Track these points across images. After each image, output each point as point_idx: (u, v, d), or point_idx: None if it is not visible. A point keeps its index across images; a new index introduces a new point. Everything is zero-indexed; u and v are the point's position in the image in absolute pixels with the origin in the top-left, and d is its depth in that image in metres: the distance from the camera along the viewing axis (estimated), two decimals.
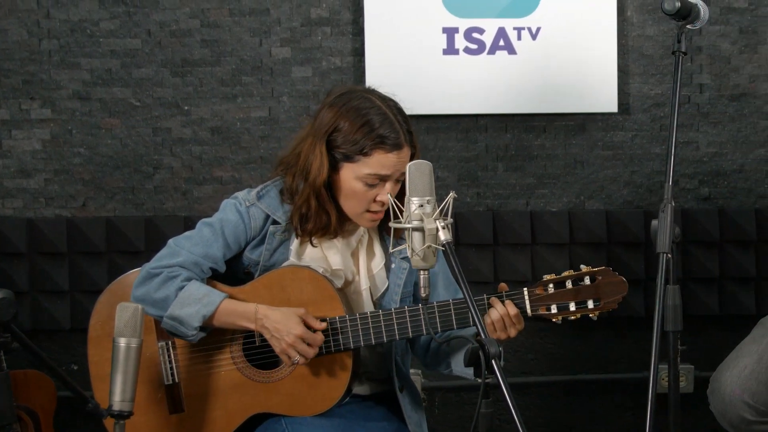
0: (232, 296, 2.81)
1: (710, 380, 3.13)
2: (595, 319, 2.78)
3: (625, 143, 4.09)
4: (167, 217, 3.97)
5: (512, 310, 2.69)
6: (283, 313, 2.71)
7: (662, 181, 2.86)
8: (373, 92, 2.79)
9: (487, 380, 2.20)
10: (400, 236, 2.85)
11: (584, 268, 2.76)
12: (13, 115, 3.98)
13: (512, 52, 4.00)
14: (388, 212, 2.80)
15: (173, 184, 4.02)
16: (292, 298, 2.77)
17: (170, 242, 2.82)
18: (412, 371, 3.84)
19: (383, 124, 2.70)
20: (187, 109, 4.01)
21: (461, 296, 2.82)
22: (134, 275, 2.83)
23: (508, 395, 2.15)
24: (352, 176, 2.72)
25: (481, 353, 2.19)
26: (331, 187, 2.79)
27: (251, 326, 2.74)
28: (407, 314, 2.73)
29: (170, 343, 2.84)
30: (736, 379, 3.02)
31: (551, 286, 2.73)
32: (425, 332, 2.75)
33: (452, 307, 2.73)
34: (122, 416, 2.47)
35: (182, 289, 2.73)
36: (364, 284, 2.85)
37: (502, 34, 3.99)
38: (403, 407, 2.86)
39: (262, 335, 2.73)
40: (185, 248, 2.79)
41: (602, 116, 4.09)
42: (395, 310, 2.75)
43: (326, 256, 2.82)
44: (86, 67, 3.98)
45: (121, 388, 2.47)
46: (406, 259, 2.85)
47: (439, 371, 2.97)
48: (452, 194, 2.32)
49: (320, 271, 2.80)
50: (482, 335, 2.21)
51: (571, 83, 4.05)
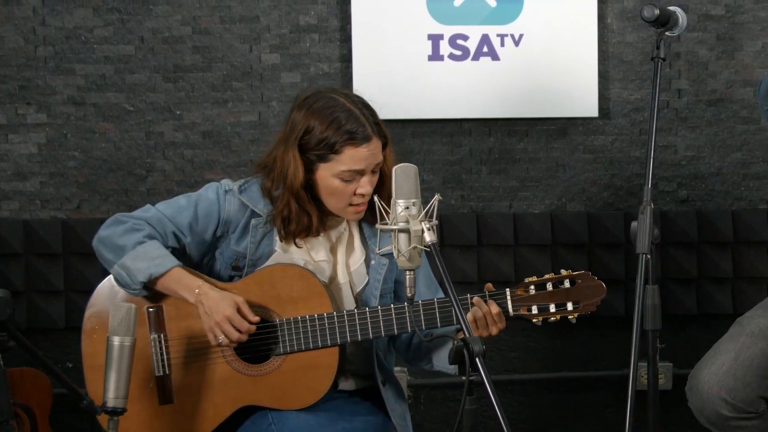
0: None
1: (688, 377, 3.13)
2: (573, 321, 2.80)
3: (605, 147, 4.09)
4: None
5: (494, 309, 2.73)
6: (221, 295, 2.77)
7: (642, 183, 2.83)
8: (336, 91, 2.84)
9: (471, 378, 2.22)
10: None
11: (564, 272, 2.80)
12: (9, 119, 3.98)
13: (496, 58, 4.01)
14: (371, 204, 2.83)
15: (166, 186, 4.02)
16: (282, 294, 2.81)
17: (148, 204, 2.92)
18: (397, 369, 3.90)
19: (349, 119, 2.75)
20: (179, 113, 4.01)
21: (442, 295, 2.87)
22: None
23: (491, 392, 2.18)
24: (328, 175, 2.76)
25: (465, 351, 2.21)
26: (311, 187, 2.83)
27: (191, 299, 2.78)
28: (393, 312, 2.77)
29: (162, 335, 2.86)
30: (713, 376, 3.02)
31: (532, 287, 2.78)
32: (409, 330, 2.78)
33: (437, 305, 2.76)
34: (116, 413, 2.49)
35: (141, 244, 2.80)
36: (342, 278, 2.89)
37: (485, 40, 4.01)
38: (386, 400, 2.89)
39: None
40: (158, 208, 2.90)
41: (583, 121, 4.09)
42: (381, 308, 2.79)
43: (308, 249, 2.86)
44: (81, 72, 3.98)
45: (115, 385, 2.48)
46: (385, 255, 2.88)
47: (420, 366, 3.01)
48: (437, 197, 2.35)
49: (302, 263, 2.84)
50: (466, 334, 2.24)
51: (552, 88, 4.05)
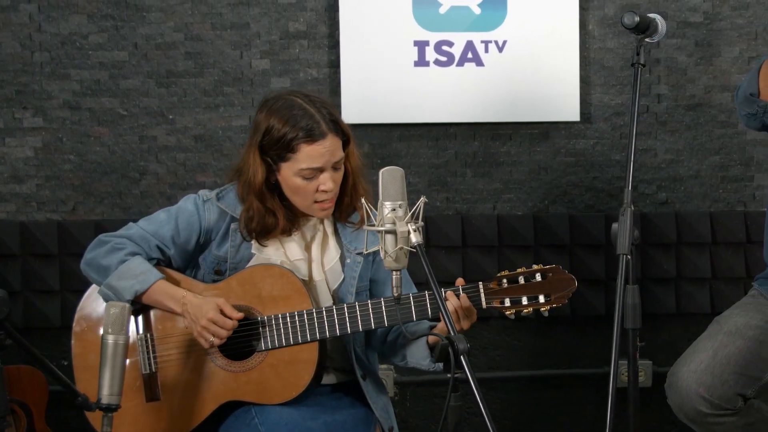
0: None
1: (668, 375, 3.15)
2: (546, 314, 2.82)
3: (586, 150, 4.10)
4: None
5: (465, 303, 2.75)
6: (203, 300, 2.80)
7: (622, 186, 2.90)
8: (297, 93, 2.85)
9: (456, 375, 2.24)
10: (355, 228, 2.94)
11: (536, 266, 2.82)
12: (6, 123, 3.98)
13: (480, 64, 4.02)
14: (338, 202, 2.88)
15: (159, 189, 4.02)
16: (263, 293, 2.84)
17: (130, 222, 2.95)
18: (384, 367, 3.91)
19: (303, 118, 2.76)
20: (171, 118, 4.01)
21: (416, 290, 2.91)
22: None
23: (475, 389, 2.20)
24: (290, 174, 2.79)
25: (450, 350, 2.24)
26: (278, 187, 2.85)
27: (177, 308, 2.82)
28: (370, 307, 2.80)
29: (149, 335, 2.88)
30: (692, 373, 3.04)
31: (505, 281, 2.80)
32: (386, 324, 2.80)
33: (412, 300, 2.79)
34: (110, 409, 2.49)
35: (124, 262, 2.82)
36: (317, 276, 2.91)
37: (470, 47, 4.01)
38: (366, 393, 2.91)
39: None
40: (139, 225, 2.91)
41: (565, 125, 4.10)
42: (359, 303, 2.81)
43: (285, 250, 2.89)
44: (76, 78, 3.97)
45: (109, 382, 2.49)
46: (360, 254, 2.92)
47: (394, 363, 3.04)
48: (423, 199, 2.36)
49: (278, 262, 2.86)
50: (451, 332, 2.26)
51: (535, 93, 4.06)
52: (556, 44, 4.05)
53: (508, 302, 2.80)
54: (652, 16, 2.88)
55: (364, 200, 2.49)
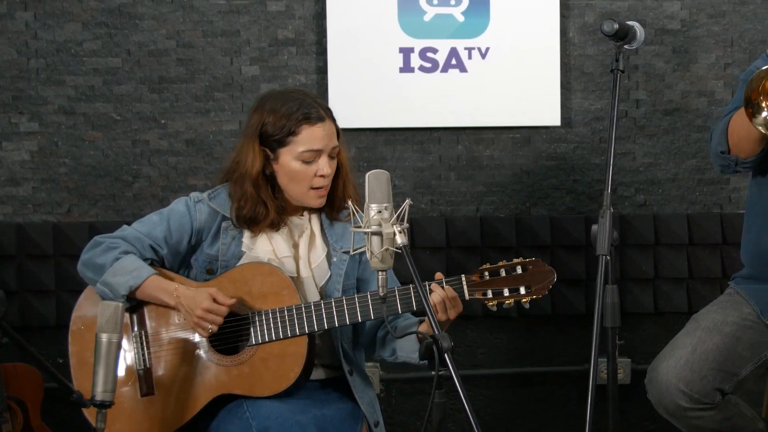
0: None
1: (648, 370, 3.16)
2: (527, 306, 2.83)
3: (567, 154, 4.13)
4: None
5: (450, 293, 2.78)
6: (196, 291, 2.84)
7: (602, 189, 2.87)
8: (288, 88, 2.92)
9: (440, 372, 2.26)
10: (339, 220, 2.99)
11: (517, 259, 2.85)
12: (3, 128, 3.98)
13: (463, 70, 4.05)
14: (330, 197, 2.93)
15: (151, 192, 4.04)
16: (254, 290, 2.86)
17: (124, 225, 2.99)
18: (370, 364, 3.88)
19: (302, 104, 2.86)
20: (163, 122, 4.03)
21: (399, 285, 2.92)
22: None
23: (459, 386, 2.23)
24: (290, 159, 2.86)
25: (434, 348, 2.26)
26: (273, 179, 2.91)
27: (171, 302, 2.85)
28: (356, 302, 2.82)
29: (143, 332, 2.91)
30: (672, 369, 3.06)
31: (487, 273, 2.83)
32: (372, 317, 2.83)
33: (397, 294, 2.82)
34: (104, 405, 2.51)
35: (118, 260, 2.86)
36: (305, 273, 2.94)
37: (454, 53, 4.05)
38: (353, 388, 2.93)
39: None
40: (133, 227, 2.96)
41: (546, 129, 4.12)
42: (345, 297, 2.84)
43: (273, 247, 2.94)
44: (71, 84, 3.99)
45: (103, 380, 2.50)
46: (347, 253, 2.96)
47: (384, 357, 3.05)
48: (408, 201, 2.38)
49: (266, 260, 2.90)
50: (435, 331, 2.28)
51: (517, 99, 4.07)
52: (537, 51, 4.08)
53: (490, 294, 2.82)
54: (630, 23, 2.90)
55: (350, 202, 2.51)
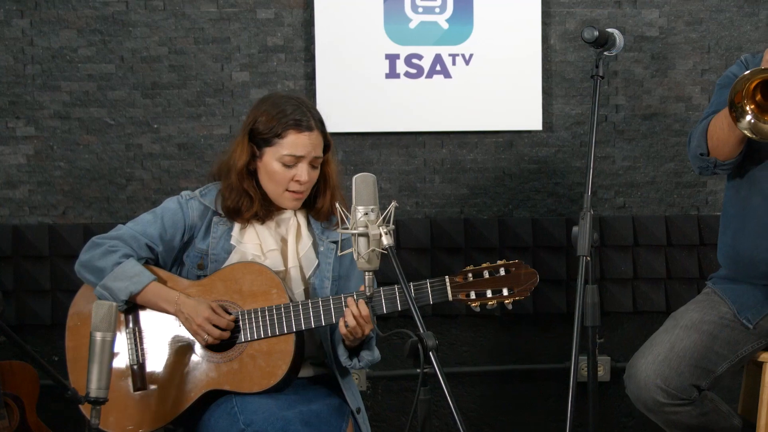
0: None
1: (627, 367, 3.18)
2: (510, 307, 2.84)
3: (548, 158, 4.16)
4: None
5: (364, 311, 2.79)
6: (197, 300, 2.90)
7: (582, 191, 2.89)
8: (290, 95, 3.00)
9: (425, 370, 2.29)
10: (328, 223, 3.04)
11: (500, 261, 2.87)
12: (0, 132, 4.01)
13: (448, 76, 4.09)
14: (315, 205, 2.98)
15: (144, 194, 4.06)
16: (244, 289, 2.92)
17: (119, 225, 3.05)
18: None
19: (295, 110, 2.93)
20: (156, 127, 4.05)
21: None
22: None
23: (444, 384, 2.26)
24: (272, 159, 2.93)
25: (419, 346, 2.29)
26: (256, 175, 2.98)
27: (171, 309, 2.91)
28: (343, 301, 2.85)
29: (136, 328, 2.96)
30: (650, 365, 3.08)
31: (471, 275, 2.85)
32: (335, 321, 2.86)
33: (382, 293, 2.85)
34: (98, 402, 2.54)
35: (119, 264, 2.90)
36: (291, 263, 3.00)
37: (438, 60, 4.08)
38: (339, 380, 3.00)
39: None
40: (128, 226, 3.01)
41: (528, 134, 4.14)
42: (333, 298, 2.87)
43: (261, 242, 3.00)
44: (66, 89, 4.01)
45: (97, 377, 2.53)
46: (333, 242, 3.01)
47: (342, 362, 3.00)
48: (394, 203, 2.42)
49: (253, 253, 2.97)
50: (420, 329, 2.32)
51: (500, 104, 4.11)
52: (519, 57, 4.11)
53: (473, 295, 2.83)
54: (610, 30, 2.93)
55: (338, 205, 2.56)
